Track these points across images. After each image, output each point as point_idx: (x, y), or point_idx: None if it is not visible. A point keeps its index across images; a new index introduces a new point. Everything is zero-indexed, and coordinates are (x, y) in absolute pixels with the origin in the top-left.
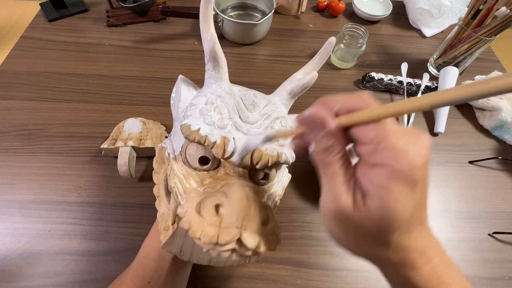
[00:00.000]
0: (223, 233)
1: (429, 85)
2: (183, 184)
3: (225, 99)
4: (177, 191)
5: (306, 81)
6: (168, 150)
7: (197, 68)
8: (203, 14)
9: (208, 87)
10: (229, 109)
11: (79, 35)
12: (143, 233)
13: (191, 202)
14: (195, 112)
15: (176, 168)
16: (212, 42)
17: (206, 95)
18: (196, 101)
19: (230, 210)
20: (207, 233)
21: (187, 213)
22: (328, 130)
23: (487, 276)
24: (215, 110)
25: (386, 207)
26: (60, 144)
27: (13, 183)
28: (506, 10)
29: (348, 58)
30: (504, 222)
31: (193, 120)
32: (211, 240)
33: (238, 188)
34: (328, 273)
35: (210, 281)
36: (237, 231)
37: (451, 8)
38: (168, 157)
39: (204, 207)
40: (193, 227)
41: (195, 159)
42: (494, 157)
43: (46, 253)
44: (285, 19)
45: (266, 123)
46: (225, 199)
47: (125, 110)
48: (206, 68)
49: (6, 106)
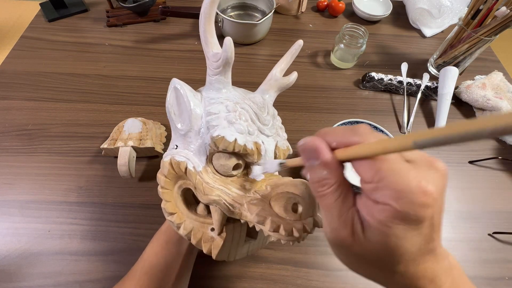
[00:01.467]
0: (306, 225)
1: (429, 85)
2: (228, 194)
3: (243, 105)
4: (225, 202)
5: (292, 82)
6: (192, 164)
7: (197, 68)
8: (207, 15)
9: (218, 92)
10: (250, 114)
11: (79, 35)
12: (143, 233)
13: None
14: (222, 122)
15: (210, 180)
16: (231, 48)
17: (222, 102)
18: (215, 109)
19: (305, 205)
20: (298, 228)
21: (270, 219)
22: (321, 162)
23: (487, 276)
24: (240, 117)
25: (388, 243)
26: (60, 144)
27: (13, 183)
28: (506, 10)
29: (348, 58)
30: (504, 222)
31: (224, 130)
32: (299, 235)
33: (302, 185)
34: (328, 273)
35: (210, 281)
36: (311, 219)
37: (451, 8)
38: (194, 171)
39: (286, 209)
40: (283, 228)
41: (230, 167)
42: (494, 157)
43: (46, 253)
44: (285, 19)
45: (274, 123)
46: (300, 198)
47: (125, 110)
48: (214, 72)
49: (6, 106)
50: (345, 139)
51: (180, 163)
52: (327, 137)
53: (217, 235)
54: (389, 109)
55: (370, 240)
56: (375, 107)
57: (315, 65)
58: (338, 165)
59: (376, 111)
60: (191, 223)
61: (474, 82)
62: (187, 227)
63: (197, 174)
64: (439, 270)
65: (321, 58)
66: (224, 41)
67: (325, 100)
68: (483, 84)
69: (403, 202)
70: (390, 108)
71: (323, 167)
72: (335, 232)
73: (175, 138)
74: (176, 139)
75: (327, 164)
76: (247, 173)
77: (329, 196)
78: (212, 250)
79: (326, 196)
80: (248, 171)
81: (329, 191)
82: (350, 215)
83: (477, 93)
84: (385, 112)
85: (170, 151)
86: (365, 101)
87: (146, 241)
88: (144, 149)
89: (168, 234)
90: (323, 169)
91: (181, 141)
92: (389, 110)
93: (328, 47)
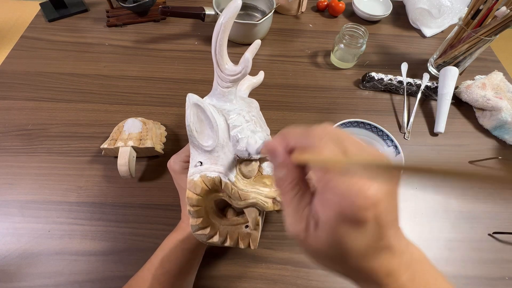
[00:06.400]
0: None
1: (429, 85)
2: (260, 193)
3: (252, 113)
4: (261, 201)
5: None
6: (226, 176)
7: (197, 68)
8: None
9: (231, 103)
10: (258, 120)
11: (79, 35)
12: (143, 233)
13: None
14: (247, 132)
15: (243, 186)
16: (250, 63)
17: (239, 113)
18: (238, 122)
19: None
20: None
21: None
22: (279, 163)
23: (487, 276)
24: (256, 125)
25: (334, 241)
26: (60, 144)
27: (13, 183)
28: (506, 10)
29: (348, 58)
30: (504, 222)
31: (254, 139)
32: None
33: None
34: (328, 273)
35: (210, 281)
36: None
37: (451, 8)
38: (229, 182)
39: None
40: None
41: (255, 171)
42: (494, 157)
43: (46, 253)
44: (285, 19)
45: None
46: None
47: (125, 110)
48: (227, 85)
49: (6, 106)
50: (299, 142)
51: (215, 178)
52: (286, 138)
53: (253, 230)
54: (389, 109)
55: (320, 236)
56: (375, 107)
57: (315, 65)
58: (295, 166)
59: (376, 111)
60: (225, 229)
61: (474, 82)
62: (222, 233)
63: (231, 184)
64: (396, 265)
65: (321, 58)
66: (246, 57)
67: (325, 100)
68: (483, 84)
69: (345, 205)
70: (390, 108)
71: (281, 168)
72: (291, 226)
73: (197, 155)
74: (198, 155)
75: (284, 165)
76: (259, 170)
77: (287, 193)
78: (251, 242)
79: (285, 192)
80: (260, 169)
81: (287, 189)
82: (306, 212)
83: (477, 93)
84: (385, 112)
85: (196, 169)
86: (365, 101)
87: (146, 241)
88: (144, 149)
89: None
90: (281, 170)
91: (207, 157)
92: (389, 110)
93: (328, 47)
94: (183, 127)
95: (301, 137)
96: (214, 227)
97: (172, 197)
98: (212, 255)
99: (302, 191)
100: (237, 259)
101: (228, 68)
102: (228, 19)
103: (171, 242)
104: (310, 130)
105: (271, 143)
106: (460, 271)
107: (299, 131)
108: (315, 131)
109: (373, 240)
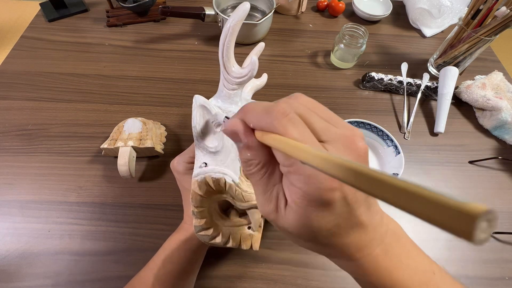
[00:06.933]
0: None
1: (429, 85)
2: None
3: None
4: None
5: (263, 84)
6: (231, 178)
7: (197, 68)
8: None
9: (236, 106)
10: None
11: (79, 35)
12: (143, 233)
13: None
14: None
15: (247, 188)
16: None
17: None
18: None
19: None
20: None
21: None
22: (244, 145)
23: (487, 276)
24: None
25: (302, 221)
26: (60, 144)
27: (13, 183)
28: (506, 10)
29: (348, 58)
30: (504, 222)
31: None
32: None
33: None
34: (328, 273)
35: (210, 281)
36: None
37: (451, 8)
38: (233, 183)
39: None
40: None
41: None
42: (494, 157)
43: (46, 253)
44: (285, 19)
45: None
46: None
47: (125, 110)
48: (233, 88)
49: (6, 106)
50: (260, 121)
51: (219, 179)
52: (247, 117)
53: (255, 231)
54: (389, 109)
55: (289, 216)
56: (375, 107)
57: (315, 65)
58: (260, 146)
59: (376, 111)
60: (228, 230)
61: (474, 82)
62: (225, 234)
63: (236, 186)
64: (367, 240)
65: (321, 58)
66: (253, 60)
67: (325, 100)
68: (483, 84)
69: (311, 187)
70: (390, 108)
71: (246, 150)
72: (261, 206)
73: (202, 156)
74: (203, 156)
75: (249, 147)
76: None
77: (255, 175)
78: (253, 244)
79: (252, 174)
80: None
81: (254, 170)
82: (275, 192)
83: (477, 93)
84: (385, 112)
85: (201, 170)
86: (365, 101)
87: (146, 241)
88: (144, 149)
89: (190, 243)
90: (246, 152)
91: (212, 158)
92: (389, 110)
93: (328, 47)
94: (183, 127)
95: (262, 116)
96: (217, 228)
97: (172, 197)
98: (212, 255)
99: (270, 170)
100: (237, 259)
101: (235, 70)
102: (237, 22)
103: (173, 242)
104: (273, 105)
105: (231, 123)
106: (460, 271)
107: (261, 107)
108: (278, 107)
109: (342, 218)
